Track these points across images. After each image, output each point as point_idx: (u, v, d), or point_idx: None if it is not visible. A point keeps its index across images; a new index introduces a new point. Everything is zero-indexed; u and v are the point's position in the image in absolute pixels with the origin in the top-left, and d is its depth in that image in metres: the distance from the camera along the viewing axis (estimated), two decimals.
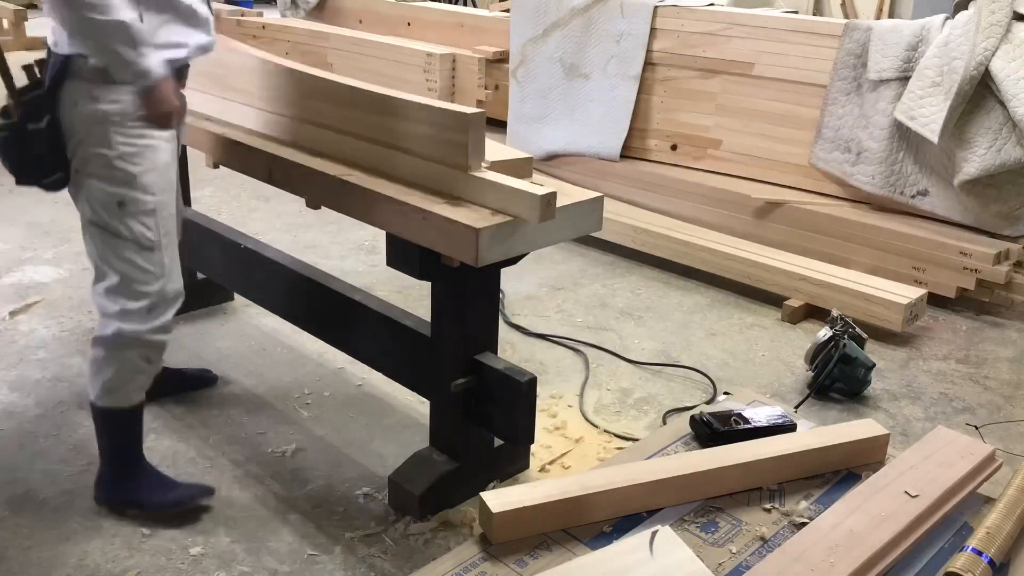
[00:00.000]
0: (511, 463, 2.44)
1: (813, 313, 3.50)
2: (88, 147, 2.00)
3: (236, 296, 3.38)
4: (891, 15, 7.18)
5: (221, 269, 3.03)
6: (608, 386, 2.97)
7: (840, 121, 3.76)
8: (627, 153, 4.30)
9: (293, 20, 5.77)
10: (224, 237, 2.93)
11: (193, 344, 3.12)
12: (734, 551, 1.99)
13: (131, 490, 2.24)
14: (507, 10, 5.52)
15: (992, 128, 3.35)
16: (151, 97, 2.02)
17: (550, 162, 4.44)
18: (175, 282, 2.15)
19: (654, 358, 3.17)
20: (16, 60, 1.99)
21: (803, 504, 2.14)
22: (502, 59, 4.87)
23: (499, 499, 1.99)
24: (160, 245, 2.09)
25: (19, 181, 2.06)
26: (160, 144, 2.07)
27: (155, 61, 1.99)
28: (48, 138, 2.01)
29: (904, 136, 3.59)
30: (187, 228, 2.69)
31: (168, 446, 2.55)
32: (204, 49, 2.14)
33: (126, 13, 1.92)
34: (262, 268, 2.80)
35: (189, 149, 2.75)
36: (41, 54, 2.04)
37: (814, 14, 7.40)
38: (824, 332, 2.98)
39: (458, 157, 2.02)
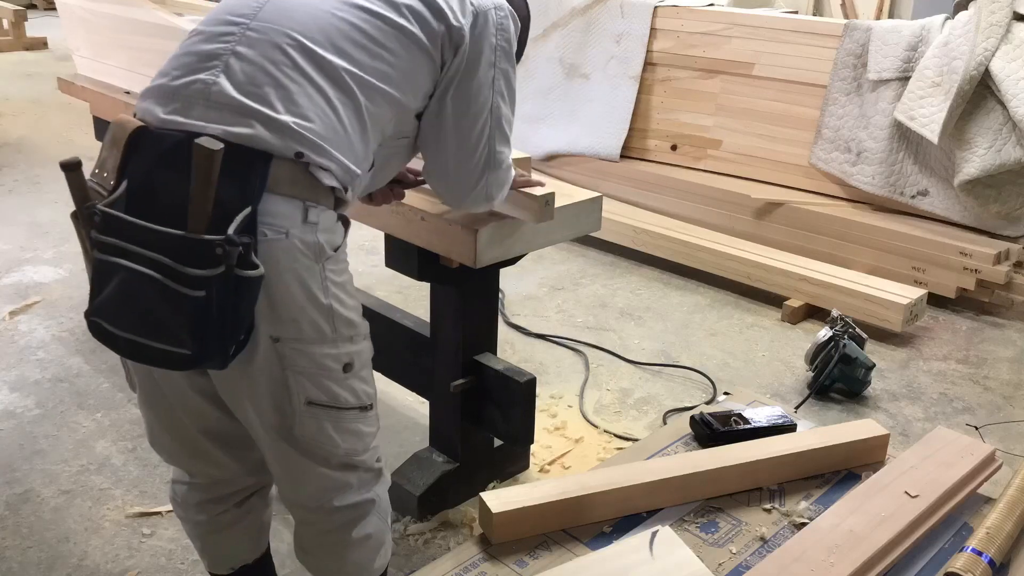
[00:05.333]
0: (511, 463, 2.44)
1: (813, 313, 3.50)
2: (297, 299, 1.36)
3: None
4: (891, 15, 7.17)
5: None
6: (608, 386, 2.97)
7: (840, 121, 3.76)
8: (627, 153, 4.30)
9: None
10: None
11: None
12: (734, 551, 1.99)
13: None
14: None
15: (992, 128, 3.35)
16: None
17: (550, 162, 4.44)
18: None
19: (654, 358, 3.17)
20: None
21: (803, 504, 2.14)
22: None
23: (499, 499, 1.99)
24: (376, 398, 1.57)
25: (201, 359, 1.31)
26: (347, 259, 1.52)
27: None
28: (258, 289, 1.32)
29: (904, 136, 3.59)
30: None
31: None
32: None
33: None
34: None
35: None
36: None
37: (814, 14, 7.39)
38: (824, 332, 2.97)
39: None
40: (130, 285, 1.28)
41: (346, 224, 1.48)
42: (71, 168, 1.35)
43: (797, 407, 2.83)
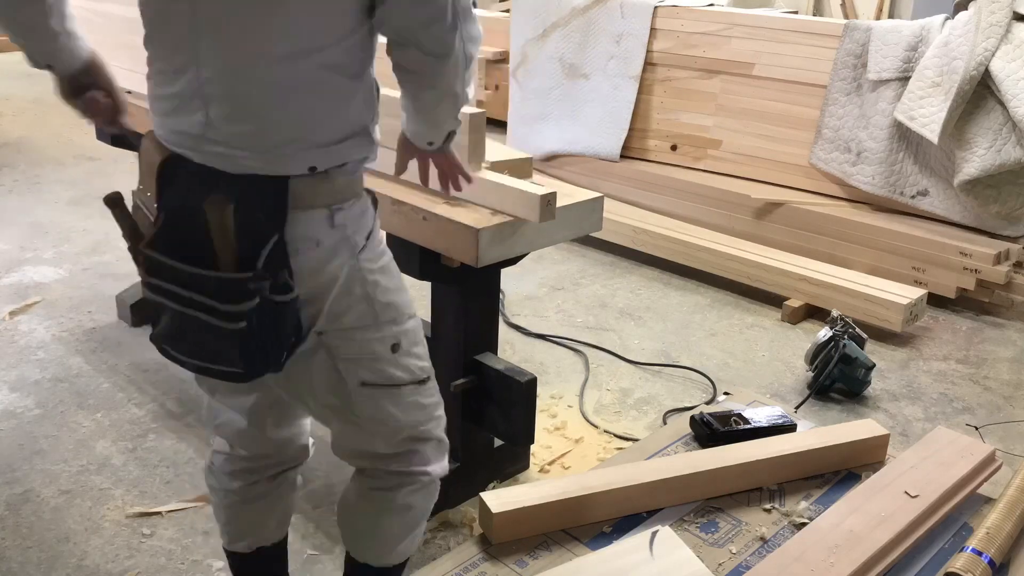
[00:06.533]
0: (511, 463, 2.44)
1: (813, 313, 3.50)
2: (337, 296, 1.42)
3: None
4: (891, 15, 7.17)
5: None
6: (608, 386, 2.97)
7: (840, 121, 3.76)
8: (627, 153, 4.30)
9: None
10: None
11: None
12: (734, 551, 1.99)
13: None
14: (507, 10, 5.52)
15: (992, 128, 3.35)
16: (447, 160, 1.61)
17: (550, 162, 4.44)
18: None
19: (654, 358, 3.17)
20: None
21: (803, 504, 2.14)
22: (502, 59, 4.88)
23: (499, 499, 1.99)
24: (431, 371, 1.59)
25: (256, 375, 1.41)
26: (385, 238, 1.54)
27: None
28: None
29: (904, 136, 3.59)
30: None
31: (169, 446, 2.55)
32: None
33: None
34: None
35: None
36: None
37: (814, 14, 7.40)
38: (824, 332, 2.97)
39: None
40: (178, 322, 1.38)
41: (375, 203, 1.49)
42: (115, 204, 1.39)
43: (797, 407, 2.83)
